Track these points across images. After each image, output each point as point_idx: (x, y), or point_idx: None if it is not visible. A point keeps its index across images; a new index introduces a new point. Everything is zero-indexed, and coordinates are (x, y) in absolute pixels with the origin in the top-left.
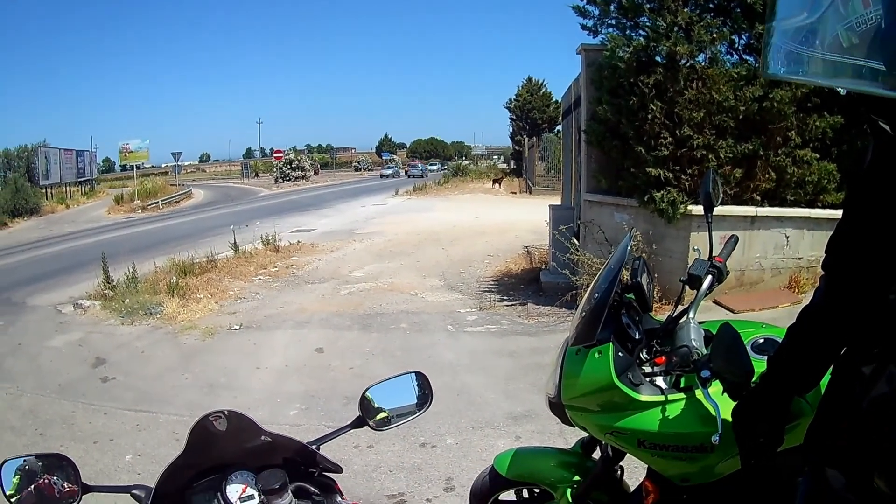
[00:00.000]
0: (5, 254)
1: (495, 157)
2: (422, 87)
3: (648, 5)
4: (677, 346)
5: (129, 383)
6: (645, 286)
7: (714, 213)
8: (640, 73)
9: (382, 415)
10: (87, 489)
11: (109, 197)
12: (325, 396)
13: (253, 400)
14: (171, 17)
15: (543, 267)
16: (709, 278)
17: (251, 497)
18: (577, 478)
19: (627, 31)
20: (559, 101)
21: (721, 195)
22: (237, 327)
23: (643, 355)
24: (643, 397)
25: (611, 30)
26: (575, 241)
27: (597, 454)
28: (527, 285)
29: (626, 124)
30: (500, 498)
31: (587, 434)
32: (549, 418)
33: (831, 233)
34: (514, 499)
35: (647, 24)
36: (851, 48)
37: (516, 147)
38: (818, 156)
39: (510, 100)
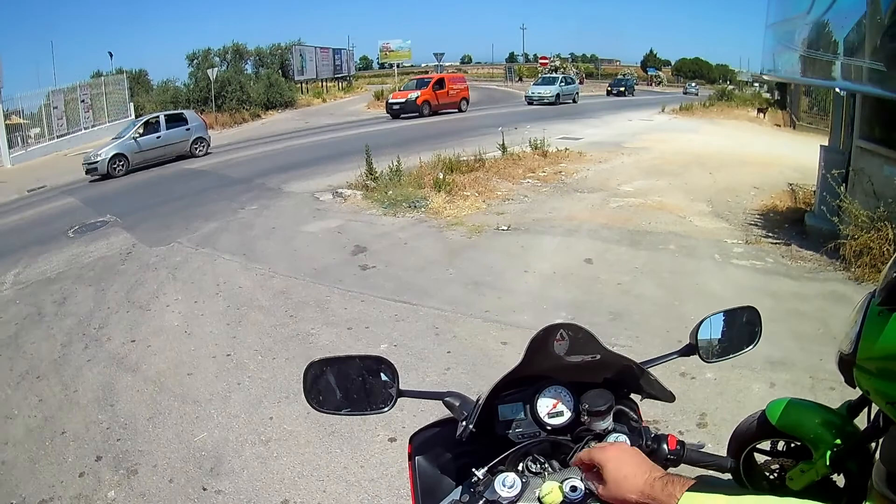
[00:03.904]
0: (260, 143)
1: (756, 84)
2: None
3: None
4: None
5: (389, 273)
6: None
7: None
8: None
9: (711, 346)
10: (402, 394)
11: (368, 93)
12: (592, 309)
13: (517, 302)
14: None
15: (808, 208)
16: None
17: (560, 413)
18: (838, 441)
19: None
20: None
21: None
22: (505, 228)
23: None
24: None
25: None
26: (843, 187)
27: (859, 420)
28: (791, 225)
29: None
30: (757, 446)
31: (855, 398)
32: (802, 370)
33: None
34: (769, 448)
35: None
36: (851, 50)
37: None
38: None
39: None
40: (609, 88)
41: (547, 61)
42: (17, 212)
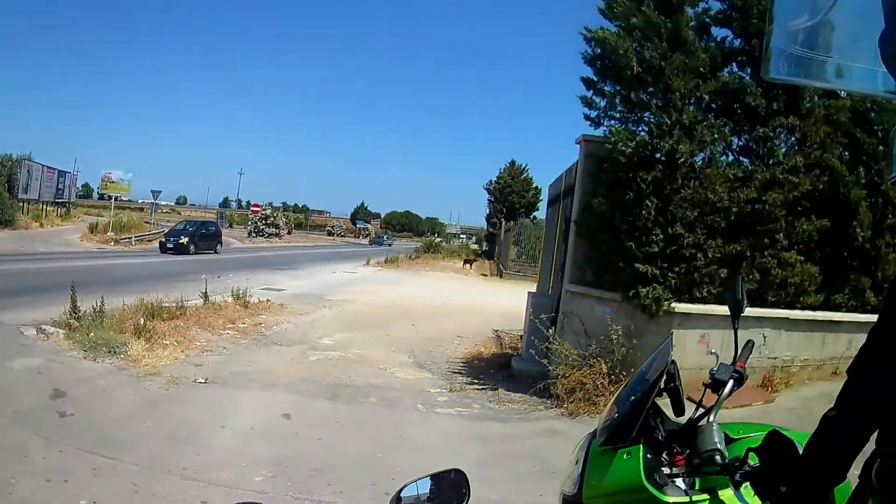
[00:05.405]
0: None
1: (463, 236)
2: (404, 157)
3: (655, 101)
4: (702, 449)
5: (88, 422)
6: (680, 390)
7: (695, 311)
8: (640, 169)
9: None
10: None
11: (84, 223)
12: (293, 465)
13: (217, 459)
14: (169, 63)
15: (515, 353)
16: (731, 383)
17: None
18: None
19: (630, 125)
20: (539, 186)
21: (747, 302)
22: (203, 381)
23: (664, 456)
24: (670, 499)
25: (614, 122)
26: (552, 330)
27: None
28: (497, 370)
29: (620, 218)
30: None
31: None
32: None
33: (808, 333)
34: None
35: (652, 120)
36: (852, 50)
37: (490, 229)
38: (802, 258)
39: (490, 181)
40: (163, 240)
41: (259, 209)
42: None
